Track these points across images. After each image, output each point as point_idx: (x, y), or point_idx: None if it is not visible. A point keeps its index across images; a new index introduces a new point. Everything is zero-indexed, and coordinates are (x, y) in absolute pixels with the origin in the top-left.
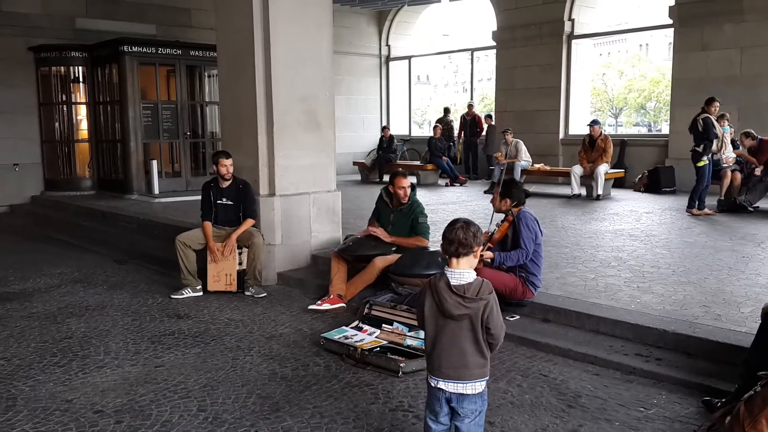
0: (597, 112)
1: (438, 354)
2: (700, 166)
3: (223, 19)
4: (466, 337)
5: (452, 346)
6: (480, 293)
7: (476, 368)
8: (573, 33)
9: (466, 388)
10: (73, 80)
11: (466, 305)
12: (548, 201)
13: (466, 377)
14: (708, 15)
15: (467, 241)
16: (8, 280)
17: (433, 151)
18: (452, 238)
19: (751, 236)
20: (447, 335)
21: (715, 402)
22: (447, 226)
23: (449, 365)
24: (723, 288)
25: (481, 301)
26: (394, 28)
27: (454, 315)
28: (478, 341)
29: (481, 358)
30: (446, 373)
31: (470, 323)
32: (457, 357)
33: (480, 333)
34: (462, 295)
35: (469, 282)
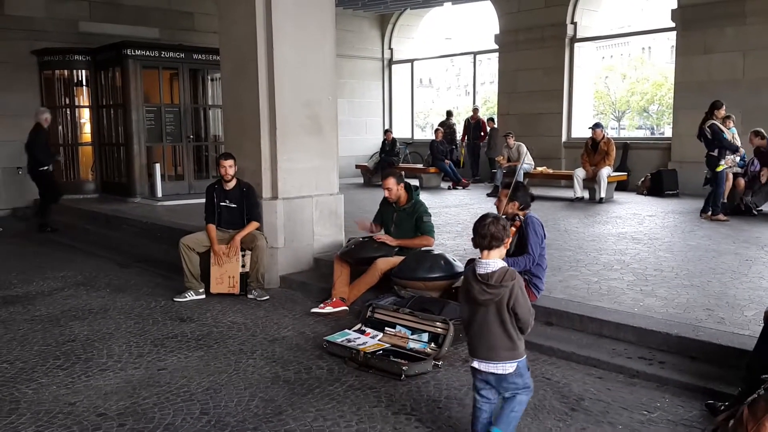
0: (600, 115)
1: (472, 337)
2: (719, 171)
3: (227, 23)
4: (493, 321)
5: (482, 330)
6: (504, 280)
7: (504, 350)
8: (576, 36)
9: (497, 368)
10: (76, 83)
11: (489, 291)
12: (551, 204)
13: (496, 358)
14: (711, 18)
15: (499, 234)
16: (11, 283)
17: (435, 154)
18: (485, 232)
19: (755, 239)
20: (477, 320)
21: (719, 405)
22: (477, 222)
23: (481, 347)
24: (726, 291)
25: (504, 287)
26: (397, 32)
27: (479, 300)
28: (504, 325)
29: (508, 341)
30: (479, 354)
31: (496, 308)
32: (487, 340)
33: (506, 317)
34: (486, 282)
35: (494, 270)
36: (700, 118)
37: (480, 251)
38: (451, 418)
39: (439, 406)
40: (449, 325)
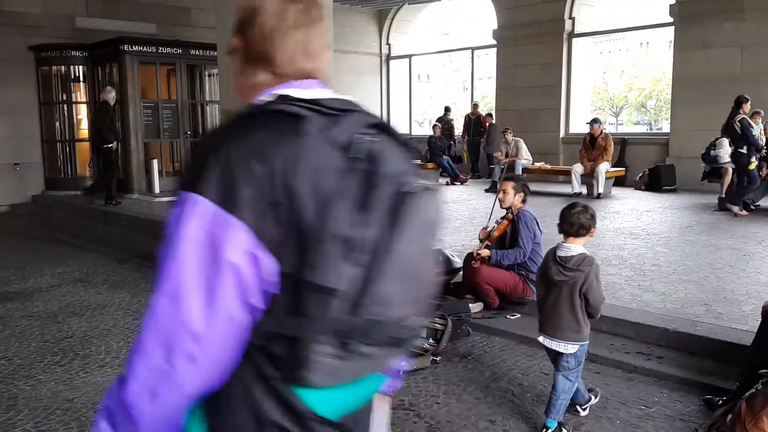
0: (597, 110)
1: (542, 312)
2: (751, 168)
3: (224, 18)
4: (564, 302)
5: (552, 309)
6: (581, 265)
7: (570, 332)
8: (574, 31)
9: (560, 347)
10: (73, 79)
11: (565, 273)
12: (549, 199)
13: (561, 337)
14: (709, 13)
15: (587, 223)
16: (9, 279)
17: (433, 149)
18: (573, 220)
19: (752, 234)
20: (550, 299)
21: (717, 400)
22: (567, 209)
23: (549, 324)
24: (724, 286)
25: (580, 272)
26: (395, 27)
27: (554, 281)
28: (574, 308)
29: (575, 323)
30: (546, 330)
31: (569, 291)
32: (555, 319)
33: (577, 301)
34: (563, 265)
35: (573, 255)
36: (698, 114)
37: (564, 236)
38: (450, 413)
39: (438, 401)
40: (447, 320)
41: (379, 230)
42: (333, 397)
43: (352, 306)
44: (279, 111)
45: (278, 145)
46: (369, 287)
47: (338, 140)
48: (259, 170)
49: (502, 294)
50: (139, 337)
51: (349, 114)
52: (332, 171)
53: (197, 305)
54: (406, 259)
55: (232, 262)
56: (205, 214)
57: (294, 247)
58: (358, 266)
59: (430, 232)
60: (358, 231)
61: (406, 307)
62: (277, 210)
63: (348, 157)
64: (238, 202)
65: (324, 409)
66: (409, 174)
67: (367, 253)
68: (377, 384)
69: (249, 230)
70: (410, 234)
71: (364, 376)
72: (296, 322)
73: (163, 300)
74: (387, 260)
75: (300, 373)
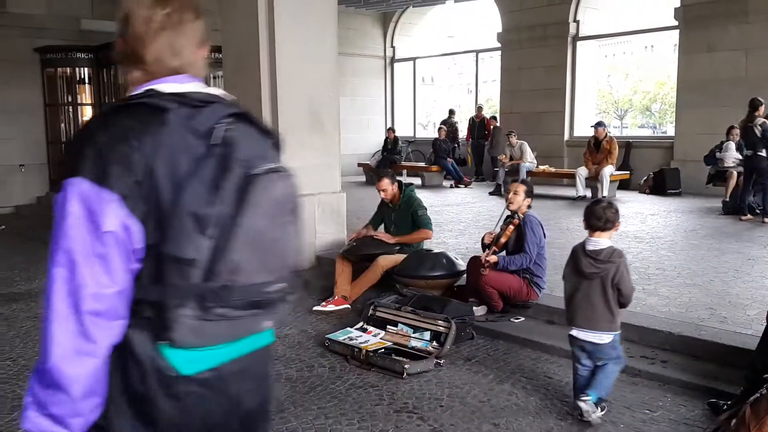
0: (602, 113)
1: (573, 307)
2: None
3: (228, 21)
4: (596, 294)
5: (585, 302)
6: (612, 257)
7: (604, 322)
8: (578, 34)
9: (595, 337)
10: (78, 81)
11: (596, 266)
12: (553, 202)
13: (596, 328)
14: (713, 16)
15: (613, 217)
16: (14, 280)
17: (437, 152)
18: (600, 215)
19: (757, 238)
20: (581, 292)
21: (721, 404)
22: (592, 206)
23: (582, 317)
24: (729, 290)
25: (611, 264)
26: (399, 30)
27: (586, 273)
28: (607, 299)
29: (609, 314)
30: (579, 323)
31: (601, 283)
32: (589, 311)
33: (609, 292)
34: (594, 258)
35: (602, 248)
36: (702, 117)
37: (591, 231)
38: (453, 416)
39: (441, 404)
40: (451, 323)
41: (229, 207)
42: (199, 356)
43: (207, 273)
44: (144, 104)
45: (143, 132)
46: (220, 257)
47: (199, 129)
48: (126, 152)
49: (506, 297)
50: (47, 309)
51: (212, 105)
52: (190, 156)
53: (90, 270)
54: (255, 233)
55: (112, 231)
56: (84, 192)
57: (155, 221)
58: (211, 239)
59: (281, 209)
60: (210, 208)
61: (261, 275)
62: (141, 188)
63: (207, 144)
64: (110, 179)
65: (187, 367)
66: (261, 158)
67: (218, 228)
68: (256, 343)
69: (121, 202)
70: (257, 210)
71: (237, 337)
72: (160, 289)
73: (61, 270)
74: (235, 234)
75: (166, 333)
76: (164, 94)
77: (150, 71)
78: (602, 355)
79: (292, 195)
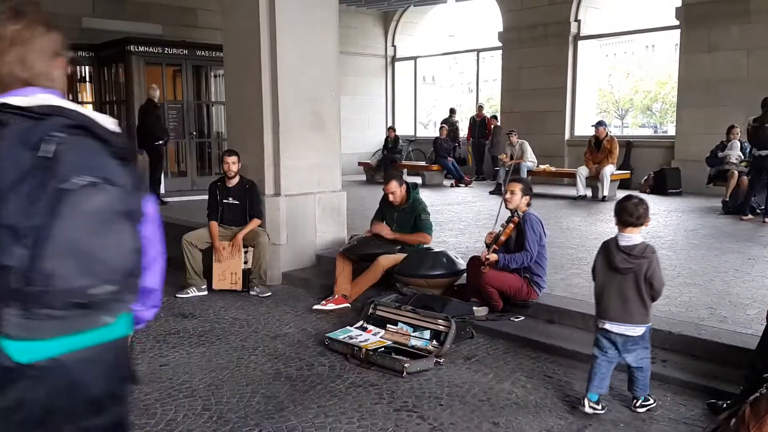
0: (603, 113)
1: (606, 302)
2: None
3: (230, 20)
4: (630, 288)
5: (618, 296)
6: (644, 253)
7: (638, 315)
8: (579, 34)
9: (628, 330)
10: (79, 80)
11: (630, 261)
12: (554, 202)
13: (630, 321)
14: (715, 16)
15: (645, 213)
16: None
17: (438, 151)
18: (632, 211)
19: (758, 238)
20: (614, 286)
21: (721, 404)
22: (624, 202)
23: (615, 311)
24: (729, 290)
25: (644, 259)
26: (400, 29)
27: (620, 269)
28: (640, 293)
29: (642, 307)
30: (612, 317)
31: (634, 277)
32: (622, 305)
33: (642, 286)
34: (628, 253)
35: (635, 243)
36: (703, 117)
37: (623, 227)
38: (453, 415)
39: (441, 403)
40: (451, 322)
41: (43, 219)
42: (34, 347)
43: (26, 279)
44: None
45: None
46: (35, 265)
47: (31, 141)
48: None
49: (507, 296)
50: None
51: (53, 117)
52: (17, 168)
53: None
54: (69, 242)
55: None
56: None
57: None
58: (26, 248)
59: (100, 220)
60: (27, 220)
61: (83, 279)
62: None
63: (34, 156)
64: None
65: (23, 356)
66: (85, 170)
67: (32, 238)
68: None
69: None
70: (70, 222)
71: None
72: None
73: None
74: (47, 244)
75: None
76: (10, 107)
77: (4, 83)
78: (633, 346)
79: (112, 206)
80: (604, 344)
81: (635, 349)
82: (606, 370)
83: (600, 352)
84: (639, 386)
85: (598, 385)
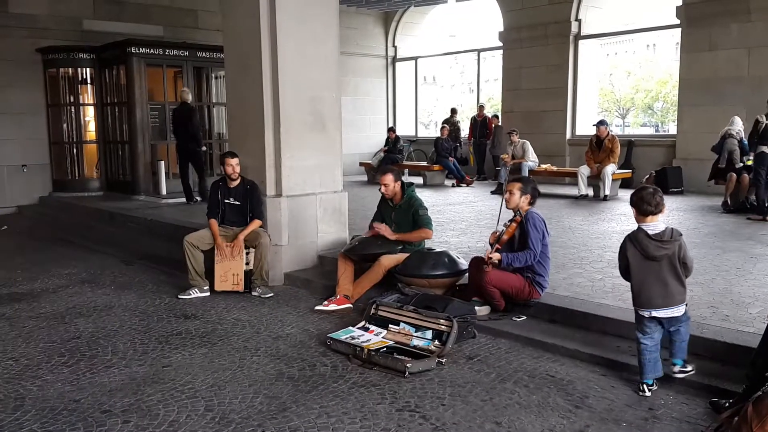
0: (604, 112)
1: (648, 291)
2: None
3: (230, 21)
4: (667, 273)
5: (658, 283)
6: (673, 236)
7: (678, 296)
8: (580, 33)
9: (673, 312)
10: (80, 81)
11: (664, 247)
12: (555, 201)
13: (673, 304)
14: (715, 15)
15: (662, 201)
16: (16, 280)
17: (439, 151)
18: (650, 200)
19: (759, 237)
20: (652, 274)
21: (723, 403)
22: (640, 193)
23: (658, 297)
24: (731, 289)
25: (675, 242)
26: (401, 29)
27: (656, 256)
28: (677, 274)
29: (680, 287)
30: (656, 304)
31: (669, 261)
32: (663, 290)
33: (678, 267)
34: (660, 240)
35: (663, 230)
36: (704, 116)
37: (643, 217)
38: (456, 415)
39: (443, 403)
40: (453, 322)
41: None
42: None
43: None
44: None
45: None
46: None
47: None
48: None
49: (509, 296)
50: None
51: None
52: None
53: None
54: None
55: None
56: None
57: None
58: None
59: None
60: None
61: None
62: None
63: None
64: None
65: None
66: None
67: None
68: None
69: None
70: None
71: None
72: None
73: None
74: None
75: None
76: None
77: None
78: (676, 323)
79: None
80: (649, 330)
81: (680, 326)
82: (655, 353)
83: (647, 338)
84: (677, 349)
85: (651, 370)
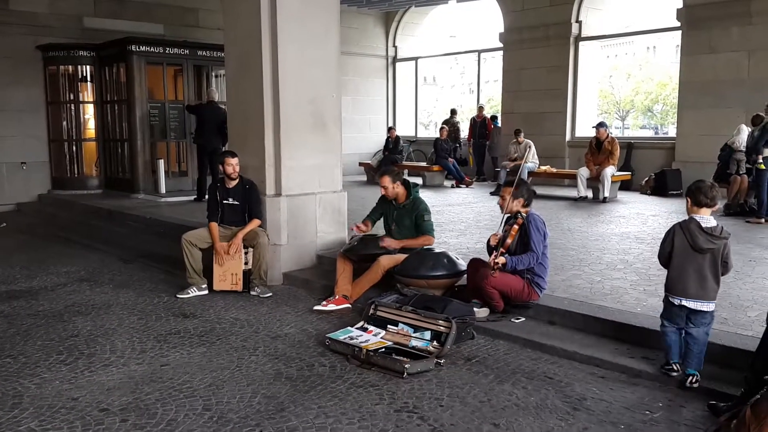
0: (604, 114)
1: (684, 279)
2: None
3: (231, 20)
4: (708, 267)
5: (696, 274)
6: (723, 233)
7: (712, 291)
8: (580, 35)
9: (704, 306)
10: (80, 79)
11: (713, 242)
12: (554, 203)
13: (705, 298)
14: (716, 17)
15: (718, 195)
16: (15, 278)
17: (439, 152)
18: (708, 193)
19: (759, 240)
20: (693, 265)
21: (721, 406)
22: (699, 183)
23: (694, 288)
24: (729, 292)
25: (724, 239)
26: (401, 29)
27: (704, 249)
28: (717, 271)
29: (716, 284)
30: (691, 294)
31: (713, 256)
32: (700, 282)
33: (718, 264)
34: (711, 234)
35: (715, 225)
36: (704, 118)
37: (698, 208)
38: (454, 416)
39: (442, 404)
40: (452, 323)
41: None
42: None
43: None
44: None
45: None
46: None
47: None
48: None
49: (508, 297)
50: None
51: None
52: None
53: None
54: None
55: None
56: None
57: None
58: None
59: None
60: None
61: None
62: None
63: None
64: None
65: None
66: None
67: None
68: None
69: None
70: None
71: None
72: None
73: None
74: None
75: None
76: None
77: None
78: (702, 319)
79: None
80: (673, 317)
81: (704, 323)
82: (676, 338)
83: (671, 324)
84: (693, 358)
85: (677, 352)
